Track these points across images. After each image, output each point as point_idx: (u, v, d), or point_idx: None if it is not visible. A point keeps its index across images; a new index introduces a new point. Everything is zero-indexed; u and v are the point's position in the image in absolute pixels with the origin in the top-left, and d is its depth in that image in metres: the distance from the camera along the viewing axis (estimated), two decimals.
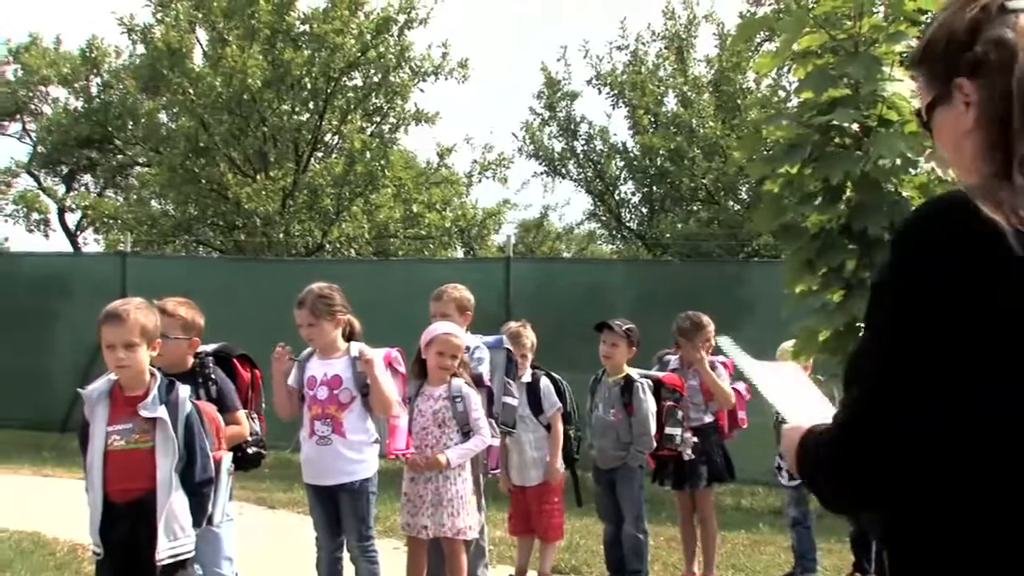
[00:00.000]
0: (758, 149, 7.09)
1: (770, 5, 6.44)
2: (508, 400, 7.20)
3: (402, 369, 6.38)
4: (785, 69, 14.89)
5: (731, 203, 18.08)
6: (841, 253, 5.97)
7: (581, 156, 20.56)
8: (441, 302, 7.11)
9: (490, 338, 7.33)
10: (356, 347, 6.12)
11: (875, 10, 6.75)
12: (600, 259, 25.92)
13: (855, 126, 5.93)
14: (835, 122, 5.93)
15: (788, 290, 6.29)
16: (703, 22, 20.22)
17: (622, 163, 20.42)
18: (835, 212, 5.97)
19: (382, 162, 19.67)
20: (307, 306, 6.08)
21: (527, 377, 7.76)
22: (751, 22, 6.82)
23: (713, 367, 7.88)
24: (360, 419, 6.06)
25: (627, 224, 21.35)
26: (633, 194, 20.93)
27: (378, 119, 20.07)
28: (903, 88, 5.94)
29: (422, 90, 19.76)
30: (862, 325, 5.58)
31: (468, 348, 6.83)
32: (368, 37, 18.66)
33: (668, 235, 19.20)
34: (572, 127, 20.52)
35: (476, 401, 6.45)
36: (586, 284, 15.70)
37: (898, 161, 6.16)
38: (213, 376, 5.64)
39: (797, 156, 6.11)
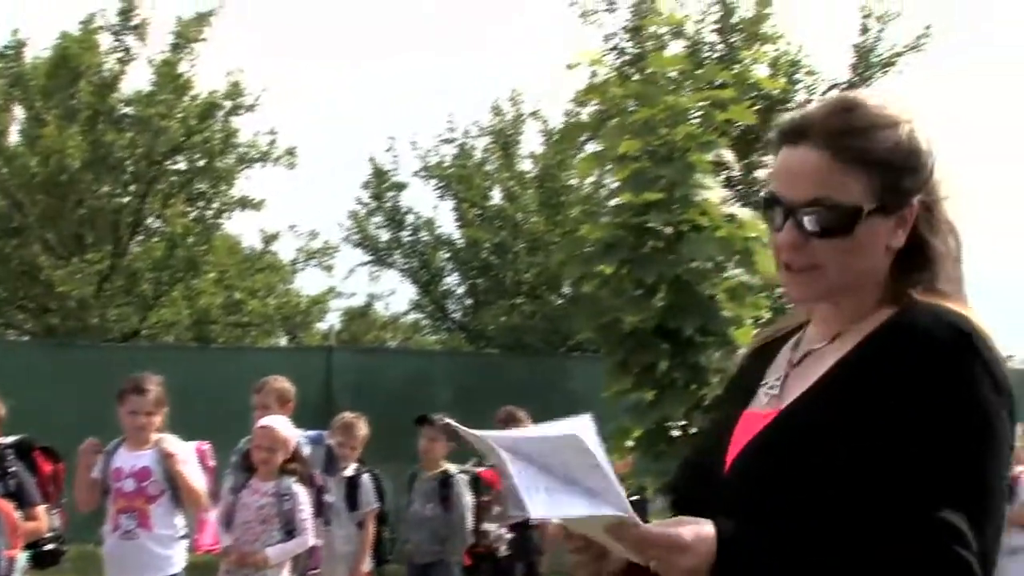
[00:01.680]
0: (577, 249, 7.26)
1: (594, 106, 6.65)
2: (326, 498, 7.10)
3: (212, 463, 6.23)
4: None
5: (553, 297, 18.31)
6: (654, 353, 6.15)
7: (407, 246, 20.61)
8: (262, 393, 7.01)
9: (311, 432, 7.23)
10: (163, 439, 5.95)
11: (690, 118, 7.04)
12: (422, 350, 25.88)
13: (669, 229, 6.14)
14: (650, 224, 6.13)
15: (606, 391, 6.41)
16: (529, 119, 20.64)
17: (447, 255, 20.54)
18: (649, 312, 6.14)
19: (204, 247, 19.33)
20: (152, 394, 5.90)
21: (350, 471, 7.67)
22: (574, 126, 7.06)
23: None
24: (168, 513, 5.87)
25: (451, 315, 21.43)
26: (458, 286, 21.04)
27: (202, 204, 19.75)
28: (714, 195, 6.18)
29: (248, 176, 19.53)
30: (674, 424, 5.66)
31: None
32: (193, 121, 18.42)
33: (491, 327, 19.30)
34: (399, 218, 20.57)
35: (304, 501, 6.30)
36: (409, 375, 15.64)
37: (709, 264, 6.41)
38: (12, 469, 5.40)
39: (614, 257, 6.28)
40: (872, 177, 1.85)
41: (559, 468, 1.68)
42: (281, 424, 6.45)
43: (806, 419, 1.83)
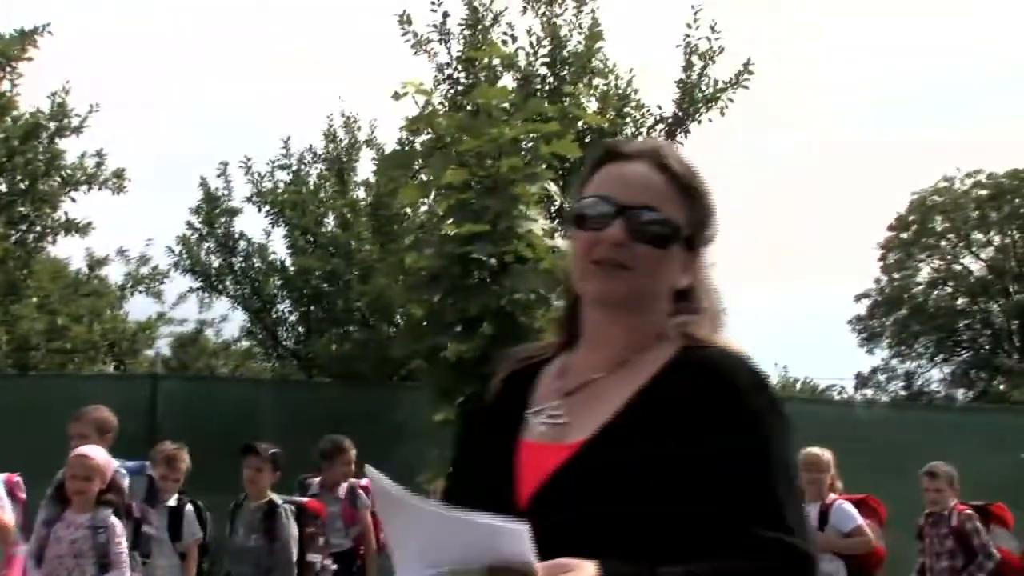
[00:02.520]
0: (403, 277, 7.24)
1: (427, 133, 6.64)
2: (146, 529, 6.91)
3: (22, 495, 5.98)
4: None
5: (385, 326, 18.21)
6: (477, 383, 6.17)
7: (239, 273, 20.22)
8: (79, 423, 6.80)
9: (132, 463, 7.04)
10: None
11: (516, 151, 7.11)
12: (251, 378, 25.42)
13: (493, 260, 6.18)
14: (474, 255, 6.16)
15: (429, 419, 6.41)
16: (364, 147, 20.50)
17: (280, 282, 20.23)
18: (473, 343, 6.16)
19: (25, 271, 18.61)
20: None
21: (172, 501, 7.51)
22: (396, 155, 7.03)
23: (354, 491, 7.86)
24: None
25: (283, 343, 21.10)
26: (290, 313, 20.74)
27: (24, 227, 19.01)
28: (539, 227, 6.25)
29: (73, 199, 18.87)
30: None
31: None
32: (15, 143, 17.75)
33: (323, 356, 19.08)
34: (230, 243, 20.18)
35: (120, 533, 6.09)
36: (238, 403, 15.33)
37: (533, 296, 6.47)
38: None
39: (438, 287, 6.29)
40: (689, 212, 1.98)
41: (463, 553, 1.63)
42: (97, 453, 6.24)
43: (618, 449, 1.85)
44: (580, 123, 12.44)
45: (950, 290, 39.21)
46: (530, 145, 6.75)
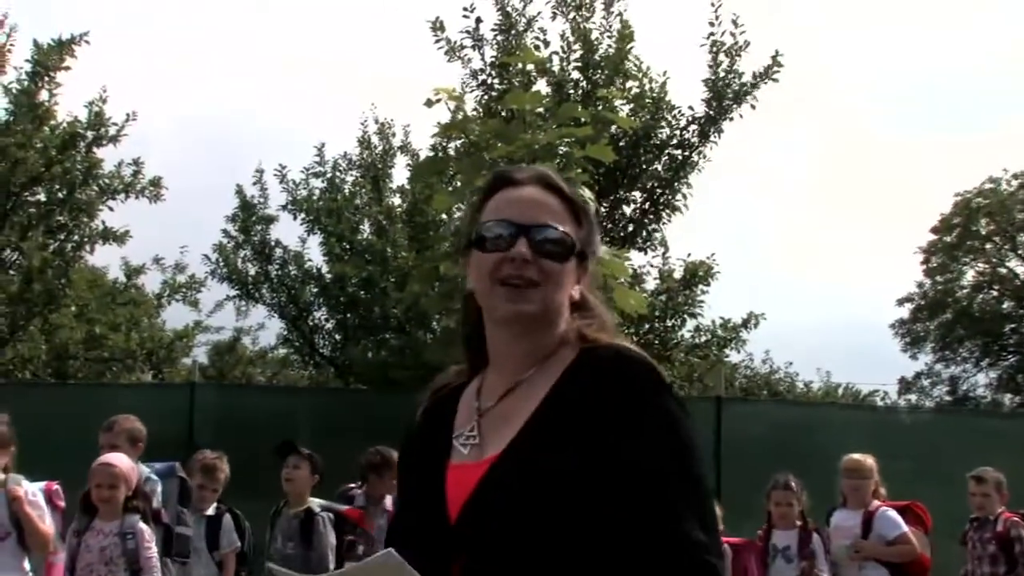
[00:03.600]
0: (437, 285, 7.26)
1: (460, 139, 6.66)
2: (181, 530, 6.96)
3: (62, 503, 6.04)
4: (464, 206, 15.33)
5: (421, 333, 18.24)
6: None
7: (275, 280, 20.34)
8: (111, 433, 6.83)
9: (160, 464, 7.07)
10: (8, 479, 5.75)
11: (550, 156, 7.11)
12: (288, 386, 25.55)
13: None
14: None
15: None
16: (399, 153, 20.57)
17: (316, 289, 20.33)
18: None
19: (63, 281, 18.79)
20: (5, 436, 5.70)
21: (211, 510, 7.54)
22: (427, 163, 7.04)
23: None
24: (14, 556, 5.69)
25: (320, 350, 21.20)
26: (327, 320, 20.82)
27: (62, 236, 19.21)
28: None
29: (111, 208, 19.05)
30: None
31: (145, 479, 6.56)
32: (53, 152, 17.93)
33: (359, 363, 19.14)
34: (267, 251, 20.31)
35: (149, 539, 6.14)
36: (275, 411, 15.39)
37: None
38: None
39: None
40: (578, 228, 2.12)
41: None
42: (120, 460, 6.29)
43: (529, 459, 1.95)
44: (614, 127, 12.42)
45: (995, 293, 38.83)
46: (564, 150, 6.73)
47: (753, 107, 15.93)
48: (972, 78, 64.27)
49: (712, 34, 15.89)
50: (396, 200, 20.52)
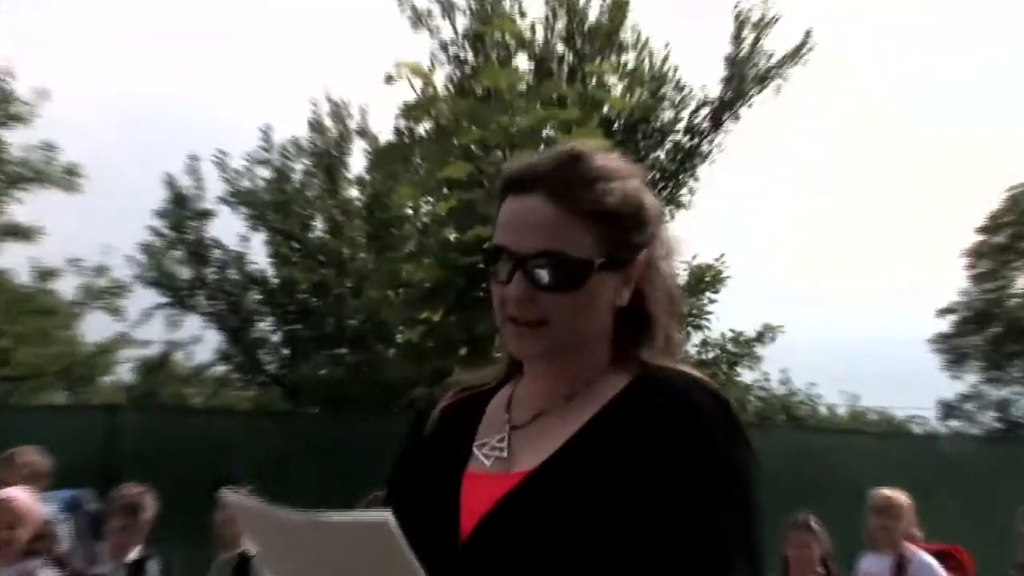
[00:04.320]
0: (400, 291, 7.24)
1: (426, 122, 6.67)
2: (97, 572, 6.93)
3: None
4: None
5: (382, 347, 18.24)
6: None
7: (213, 286, 20.30)
8: (10, 470, 6.80)
9: (67, 493, 7.04)
10: None
11: (537, 139, 7.10)
12: (228, 409, 25.46)
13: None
14: (481, 265, 6.14)
15: None
16: (356, 137, 20.57)
17: (260, 296, 20.30)
18: (482, 366, 6.14)
19: None
20: None
21: (135, 554, 7.51)
22: (389, 149, 7.03)
23: None
24: None
25: (265, 367, 21.16)
26: (273, 332, 20.80)
27: None
28: None
29: (19, 200, 18.99)
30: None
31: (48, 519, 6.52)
32: None
33: (310, 382, 19.11)
34: (202, 252, 20.27)
35: None
36: (212, 438, 15.33)
37: None
38: None
39: (440, 302, 6.28)
40: (601, 230, 2.04)
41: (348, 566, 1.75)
42: (20, 496, 6.23)
43: (562, 483, 1.96)
44: (605, 107, 12.43)
45: None
46: (547, 134, 6.75)
47: (778, 91, 16.01)
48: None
49: (737, 4, 15.97)
50: (353, 192, 20.53)
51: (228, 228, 23.49)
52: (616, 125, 15.32)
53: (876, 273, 59.48)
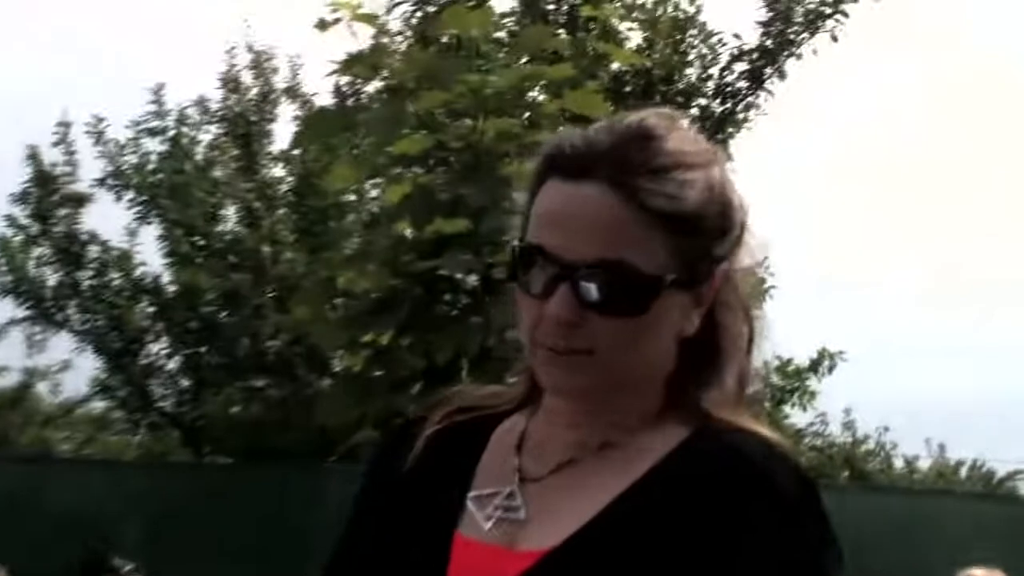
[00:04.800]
0: (336, 304, 7.24)
1: (373, 80, 6.63)
2: None
3: None
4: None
5: (315, 377, 18.24)
6: None
7: (88, 295, 20.26)
8: None
9: None
10: None
11: (519, 104, 7.10)
12: (108, 459, 25.40)
13: (473, 279, 6.19)
14: (444, 272, 6.15)
15: None
16: (284, 98, 20.54)
17: (153, 309, 20.26)
18: None
19: None
20: None
21: None
22: (321, 117, 7.01)
23: None
24: None
25: (158, 404, 21.13)
26: (168, 357, 20.76)
27: None
28: None
29: None
30: None
31: None
32: None
33: (219, 423, 19.10)
34: (75, 249, 20.22)
35: None
36: (86, 498, 15.36)
37: None
38: None
39: (389, 321, 6.26)
40: (676, 236, 1.98)
41: None
42: None
43: (599, 568, 1.91)
44: (614, 64, 12.46)
45: None
46: (532, 98, 6.80)
47: (835, 38, 16.02)
48: None
49: None
50: (278, 171, 20.52)
51: (109, 218, 23.44)
52: (627, 87, 15.32)
53: (968, 279, 59.47)
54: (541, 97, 6.93)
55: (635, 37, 15.24)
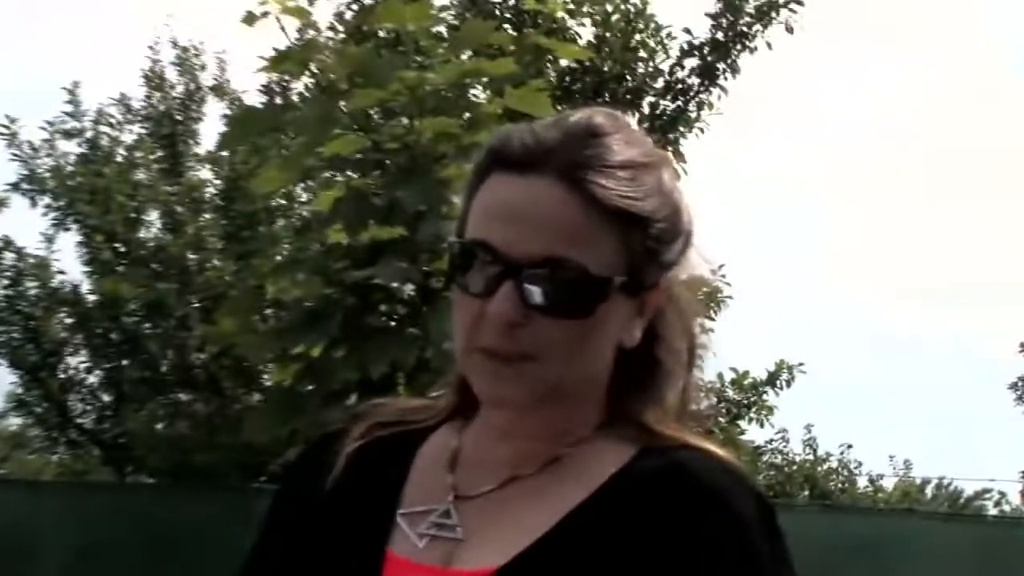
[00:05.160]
0: (264, 315, 7.22)
1: (302, 78, 6.64)
2: None
3: None
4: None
5: (243, 392, 18.21)
6: None
7: (4, 306, 20.19)
8: None
9: None
10: None
11: (459, 103, 7.10)
12: (24, 479, 25.29)
13: (409, 288, 6.18)
14: (378, 281, 6.13)
15: None
16: (210, 96, 20.51)
17: (71, 320, 20.19)
18: None
19: None
20: None
21: None
22: (246, 118, 6.98)
23: None
24: None
25: (77, 420, 21.06)
26: (89, 371, 20.70)
27: None
28: None
29: None
30: None
31: None
32: None
33: (142, 442, 19.04)
34: None
35: None
36: (2, 521, 15.31)
37: None
38: None
39: (321, 333, 6.24)
40: (627, 239, 1.99)
41: None
42: None
43: None
44: (562, 62, 12.48)
45: None
46: (472, 96, 6.80)
47: (790, 30, 16.12)
48: None
49: None
50: (204, 174, 20.46)
51: (24, 225, 23.30)
52: (576, 84, 15.35)
53: (935, 285, 59.93)
54: (482, 95, 6.91)
55: (585, 34, 15.31)
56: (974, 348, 62.41)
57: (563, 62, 13.42)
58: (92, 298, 19.85)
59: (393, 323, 6.04)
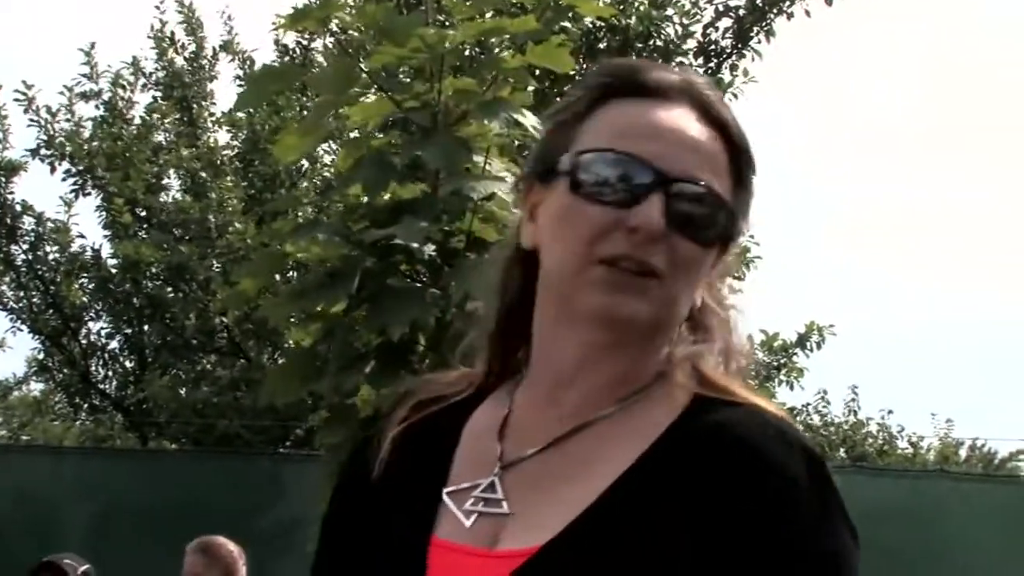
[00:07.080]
0: (284, 277, 7.25)
1: (320, 37, 6.60)
2: None
3: None
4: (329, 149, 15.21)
5: (266, 357, 18.24)
6: None
7: (24, 271, 20.22)
8: None
9: None
10: None
11: (478, 61, 7.07)
12: (48, 444, 25.34)
13: (430, 248, 6.16)
14: (399, 241, 6.11)
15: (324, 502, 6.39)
16: (222, 55, 20.50)
17: (92, 285, 20.21)
18: (398, 382, 6.11)
19: None
20: None
21: None
22: (263, 77, 6.95)
23: None
24: None
25: (99, 385, 21.10)
26: (110, 336, 20.73)
27: None
28: (505, 191, 6.21)
29: None
30: None
31: None
32: None
33: (165, 406, 19.07)
34: (8, 221, 20.17)
35: None
36: (24, 491, 15.35)
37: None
38: None
39: (340, 292, 6.24)
40: (738, 182, 2.06)
41: None
42: None
43: (598, 564, 1.87)
44: (585, 20, 12.45)
45: None
46: (494, 54, 6.78)
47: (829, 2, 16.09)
48: None
49: None
50: (222, 136, 20.49)
51: (44, 190, 23.36)
52: (601, 43, 15.29)
53: (970, 246, 59.60)
54: (504, 53, 6.89)
55: None
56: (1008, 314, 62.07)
57: (587, 20, 13.37)
58: (113, 263, 19.84)
59: (413, 284, 6.01)
